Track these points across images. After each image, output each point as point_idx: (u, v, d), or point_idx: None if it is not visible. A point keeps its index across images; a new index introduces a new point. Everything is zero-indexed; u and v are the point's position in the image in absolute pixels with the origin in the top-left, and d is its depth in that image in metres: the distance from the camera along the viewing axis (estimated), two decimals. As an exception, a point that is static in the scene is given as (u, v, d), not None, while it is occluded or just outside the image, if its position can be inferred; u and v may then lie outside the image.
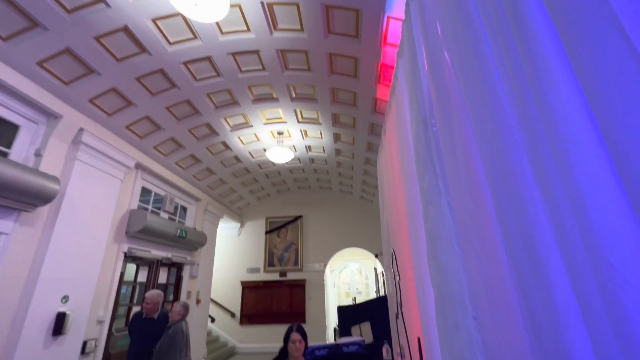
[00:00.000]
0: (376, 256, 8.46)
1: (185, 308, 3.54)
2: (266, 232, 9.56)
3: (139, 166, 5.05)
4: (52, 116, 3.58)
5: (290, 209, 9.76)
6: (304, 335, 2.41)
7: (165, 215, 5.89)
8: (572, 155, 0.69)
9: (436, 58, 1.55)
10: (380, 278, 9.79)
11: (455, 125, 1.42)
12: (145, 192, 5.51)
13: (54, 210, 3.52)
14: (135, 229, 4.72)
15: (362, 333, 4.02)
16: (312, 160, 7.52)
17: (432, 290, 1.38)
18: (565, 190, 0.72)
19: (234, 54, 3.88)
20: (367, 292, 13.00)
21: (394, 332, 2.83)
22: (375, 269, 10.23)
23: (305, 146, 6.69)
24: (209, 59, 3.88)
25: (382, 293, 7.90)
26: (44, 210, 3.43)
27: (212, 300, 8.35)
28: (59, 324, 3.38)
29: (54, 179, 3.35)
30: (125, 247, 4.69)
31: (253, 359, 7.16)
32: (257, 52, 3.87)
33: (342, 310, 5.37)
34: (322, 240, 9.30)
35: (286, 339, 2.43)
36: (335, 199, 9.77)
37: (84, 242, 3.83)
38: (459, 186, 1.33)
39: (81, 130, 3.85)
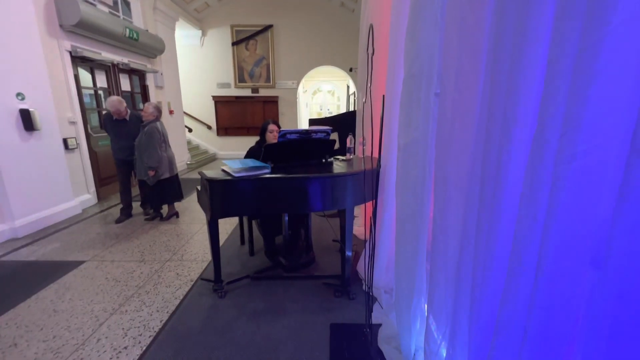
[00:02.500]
0: (350, 70, 8.30)
1: (158, 109, 3.55)
2: (233, 44, 8.59)
3: None
4: None
5: (259, 16, 8.40)
6: (279, 127, 2.63)
7: (104, 9, 4.86)
8: None
9: None
10: (352, 99, 10.07)
11: None
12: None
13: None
14: (70, 21, 3.95)
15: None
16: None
17: (402, 69, 1.39)
18: None
19: None
20: (338, 112, 13.74)
21: (358, 125, 3.12)
22: (348, 88, 10.32)
23: None
24: None
25: (351, 110, 8.30)
26: None
27: (186, 113, 8.46)
28: (27, 120, 3.35)
29: None
30: (67, 44, 4.07)
31: (233, 162, 8.17)
32: None
33: (313, 122, 5.73)
34: (296, 56, 8.68)
35: (264, 131, 2.65)
36: (311, 4, 8.36)
37: (8, 31, 3.22)
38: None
39: None
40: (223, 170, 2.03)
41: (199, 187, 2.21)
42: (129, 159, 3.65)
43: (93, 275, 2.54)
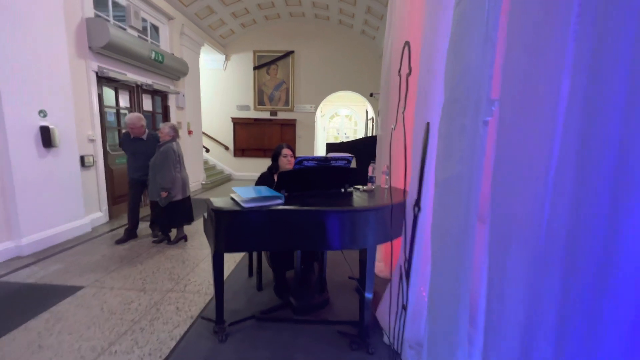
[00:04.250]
0: (371, 95, 8.24)
1: (174, 129, 3.49)
2: (254, 68, 8.79)
3: (78, -46, 3.82)
4: None
5: (281, 42, 8.62)
6: (293, 152, 2.46)
7: (133, 33, 5.03)
8: None
9: None
10: (370, 124, 9.96)
11: None
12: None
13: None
14: (99, 43, 4.07)
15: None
16: (307, -29, 5.96)
17: (439, 93, 1.19)
18: None
19: None
20: (355, 137, 13.66)
21: (379, 151, 2.90)
22: (367, 113, 10.25)
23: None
24: None
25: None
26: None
27: (205, 134, 8.56)
28: (46, 137, 3.35)
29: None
30: (94, 65, 4.18)
31: (248, 183, 8.07)
32: None
33: (330, 146, 5.58)
34: (315, 81, 8.75)
35: (277, 155, 2.48)
36: (332, 32, 8.51)
37: (38, 50, 3.29)
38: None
39: None
40: (232, 199, 1.84)
41: (205, 215, 2.02)
42: (143, 179, 3.57)
43: (89, 304, 2.34)
